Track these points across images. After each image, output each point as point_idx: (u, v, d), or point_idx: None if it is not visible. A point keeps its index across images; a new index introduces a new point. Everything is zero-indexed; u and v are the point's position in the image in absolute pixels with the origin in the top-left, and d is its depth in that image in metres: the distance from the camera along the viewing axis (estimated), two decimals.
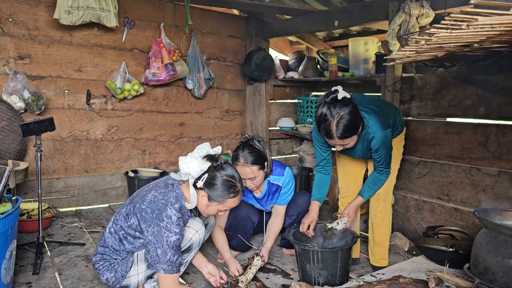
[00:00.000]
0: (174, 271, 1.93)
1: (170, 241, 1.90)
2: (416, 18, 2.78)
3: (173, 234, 1.91)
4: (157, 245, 1.91)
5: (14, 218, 1.98)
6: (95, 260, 2.08)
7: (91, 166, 3.74)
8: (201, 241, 2.16)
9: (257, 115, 4.56)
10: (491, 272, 1.89)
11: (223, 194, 1.98)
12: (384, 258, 2.60)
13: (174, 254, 1.92)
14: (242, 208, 2.64)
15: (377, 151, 2.28)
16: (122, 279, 2.06)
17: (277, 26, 4.31)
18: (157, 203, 1.95)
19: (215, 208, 2.03)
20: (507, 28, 1.46)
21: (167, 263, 1.91)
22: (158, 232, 1.90)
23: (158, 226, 1.90)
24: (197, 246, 2.15)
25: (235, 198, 2.03)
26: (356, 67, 3.69)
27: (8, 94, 3.17)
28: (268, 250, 2.55)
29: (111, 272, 2.05)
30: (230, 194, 2.00)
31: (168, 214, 1.92)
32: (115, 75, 3.65)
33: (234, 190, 2.00)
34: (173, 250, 1.91)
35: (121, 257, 2.05)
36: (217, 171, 1.99)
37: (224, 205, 2.02)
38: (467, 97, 2.75)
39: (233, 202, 2.04)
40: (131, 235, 2.01)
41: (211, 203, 2.01)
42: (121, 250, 2.05)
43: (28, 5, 3.30)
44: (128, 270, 2.05)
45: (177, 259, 1.94)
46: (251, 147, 2.45)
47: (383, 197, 2.51)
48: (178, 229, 1.93)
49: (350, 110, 2.07)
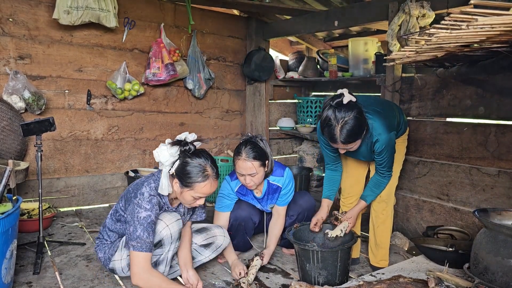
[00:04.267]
0: (143, 249, 1.90)
1: (140, 216, 1.93)
2: (416, 19, 2.78)
3: (143, 210, 1.94)
4: (130, 223, 1.95)
5: (15, 218, 1.98)
6: (96, 237, 2.27)
7: (91, 166, 3.74)
8: (174, 237, 2.06)
9: (257, 115, 4.57)
10: (491, 272, 1.89)
11: (192, 179, 1.96)
12: (384, 259, 2.60)
13: (143, 231, 1.91)
14: (243, 208, 2.65)
15: (381, 154, 2.27)
16: (109, 261, 2.15)
17: (277, 26, 4.31)
18: (138, 183, 2.06)
19: (188, 195, 2.01)
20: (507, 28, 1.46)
21: (137, 239, 1.90)
22: (132, 209, 1.96)
23: (132, 204, 1.97)
24: (169, 242, 2.06)
25: (205, 183, 1.98)
26: (356, 67, 3.69)
27: (8, 94, 3.18)
28: (270, 253, 2.56)
29: (101, 252, 2.18)
30: (199, 178, 1.96)
31: (141, 191, 1.99)
32: (115, 75, 3.66)
33: (203, 174, 1.97)
34: (143, 227, 1.91)
35: (111, 240, 2.17)
36: (188, 157, 1.98)
37: (195, 191, 1.99)
38: (466, 97, 2.75)
39: (203, 187, 1.99)
40: (122, 216, 2.11)
41: (183, 190, 2.00)
42: (115, 231, 2.16)
43: (28, 5, 3.30)
44: (113, 254, 2.13)
45: (148, 237, 1.92)
46: (254, 144, 2.47)
47: (385, 199, 2.50)
48: (149, 205, 1.95)
49: (354, 115, 2.05)
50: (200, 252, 2.37)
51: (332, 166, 2.53)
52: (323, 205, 2.53)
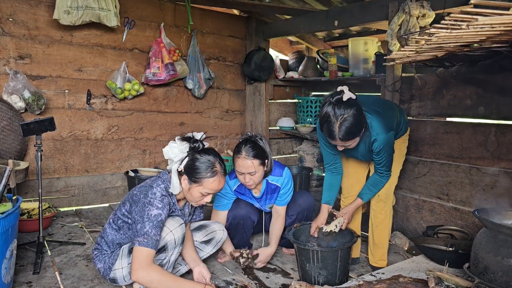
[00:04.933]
0: (148, 245, 1.90)
1: (150, 214, 1.93)
2: (416, 19, 2.78)
3: (155, 208, 1.95)
4: (139, 221, 1.95)
5: (15, 218, 1.98)
6: (92, 248, 2.24)
7: (91, 165, 3.74)
8: (177, 242, 2.08)
9: (257, 115, 4.57)
10: (491, 271, 1.89)
11: (201, 174, 1.99)
12: (383, 259, 2.59)
13: (152, 228, 1.92)
14: (241, 207, 2.65)
15: (379, 154, 2.27)
16: (109, 271, 2.15)
17: (277, 26, 4.31)
18: (145, 186, 2.07)
19: (196, 191, 2.02)
20: (507, 28, 1.46)
21: (143, 235, 1.91)
22: (141, 208, 1.96)
23: (142, 204, 1.97)
24: (173, 247, 2.08)
25: (213, 178, 2.01)
26: (356, 67, 3.69)
27: (8, 94, 3.18)
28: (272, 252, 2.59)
29: (101, 263, 2.17)
30: (208, 174, 1.99)
31: (153, 191, 2.01)
32: (115, 75, 3.66)
33: (211, 170, 2.00)
34: (152, 224, 1.92)
35: (110, 250, 2.17)
36: (197, 153, 2.02)
37: (204, 187, 2.01)
38: (467, 97, 2.75)
39: (212, 183, 2.01)
40: (126, 222, 2.10)
41: (191, 186, 2.02)
42: (115, 241, 2.15)
43: (28, 5, 3.30)
44: (114, 263, 2.13)
45: (155, 235, 1.92)
46: (254, 143, 2.48)
47: (384, 198, 2.50)
48: (161, 204, 1.97)
49: (353, 112, 2.06)
50: (202, 248, 2.42)
51: (332, 167, 2.52)
52: (323, 211, 2.51)
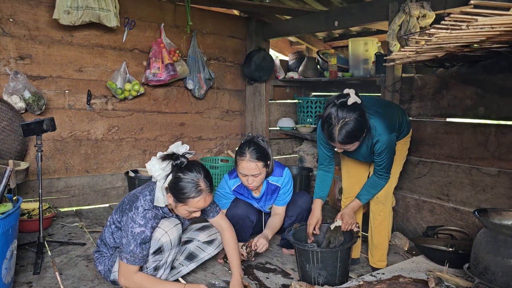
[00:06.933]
0: (135, 263, 1.94)
1: (134, 232, 1.93)
2: (416, 19, 2.78)
3: (137, 226, 1.93)
4: (123, 235, 1.95)
5: (15, 218, 1.98)
6: (93, 251, 2.25)
7: (91, 166, 3.74)
8: (173, 243, 2.06)
9: (257, 115, 4.57)
10: (491, 271, 1.89)
11: (185, 195, 1.94)
12: (382, 260, 2.59)
13: (137, 246, 1.92)
14: (240, 207, 2.65)
15: (380, 155, 2.27)
16: (109, 273, 2.15)
17: (277, 26, 4.31)
18: (133, 195, 2.04)
19: (182, 209, 1.99)
20: (507, 28, 1.46)
21: (130, 253, 1.92)
22: (126, 222, 1.96)
23: (127, 217, 1.96)
24: (169, 248, 2.05)
25: (198, 198, 1.95)
26: (356, 67, 3.69)
27: (8, 94, 3.18)
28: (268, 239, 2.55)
29: (102, 265, 2.17)
30: (191, 194, 1.93)
31: (136, 205, 1.98)
32: (115, 75, 3.66)
33: (196, 190, 1.94)
34: (136, 242, 1.92)
35: (110, 252, 2.17)
36: (181, 172, 1.95)
37: (189, 206, 1.97)
38: (467, 97, 2.75)
39: (197, 203, 1.96)
40: (119, 228, 2.09)
41: (177, 204, 1.99)
42: (113, 244, 2.15)
43: (28, 6, 3.30)
44: (113, 265, 2.13)
45: (141, 252, 1.93)
46: (257, 144, 2.48)
47: (382, 200, 2.50)
48: (143, 221, 1.94)
49: (356, 117, 2.04)
50: (204, 249, 2.38)
51: (325, 167, 2.52)
52: (317, 206, 2.49)
